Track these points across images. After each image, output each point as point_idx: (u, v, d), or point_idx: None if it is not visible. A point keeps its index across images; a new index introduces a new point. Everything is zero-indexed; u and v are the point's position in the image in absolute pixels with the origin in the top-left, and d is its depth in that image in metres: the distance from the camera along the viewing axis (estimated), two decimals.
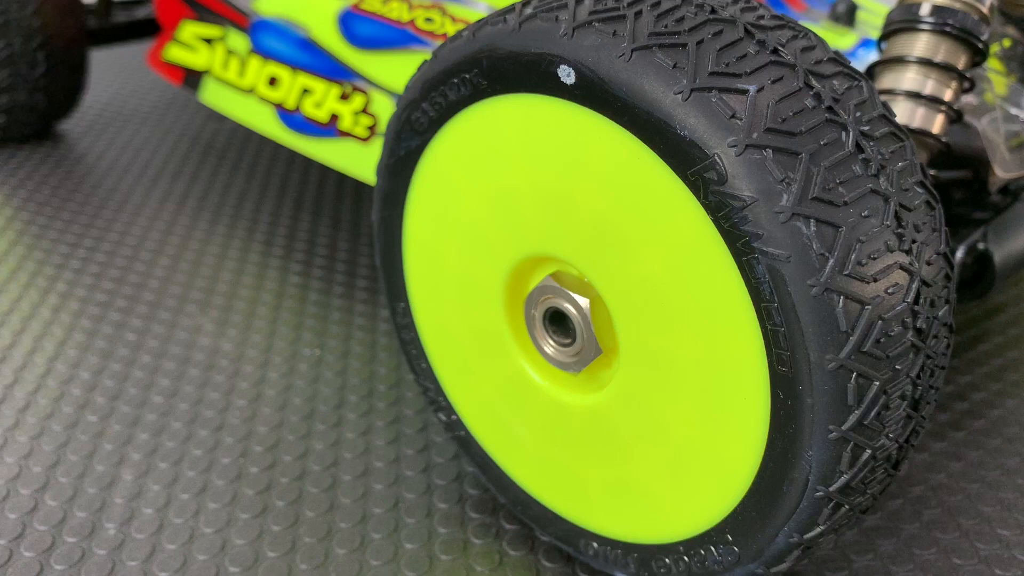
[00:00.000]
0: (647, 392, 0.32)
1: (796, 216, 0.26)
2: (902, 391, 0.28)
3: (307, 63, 0.58)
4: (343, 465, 0.43)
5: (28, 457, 0.44)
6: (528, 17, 0.30)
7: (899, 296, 0.27)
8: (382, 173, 0.38)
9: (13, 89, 0.73)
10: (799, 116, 0.27)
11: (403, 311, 0.41)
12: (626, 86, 0.28)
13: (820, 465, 0.28)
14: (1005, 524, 0.41)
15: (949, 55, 0.42)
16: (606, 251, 0.31)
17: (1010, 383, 0.51)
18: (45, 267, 0.61)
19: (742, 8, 0.30)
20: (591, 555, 0.37)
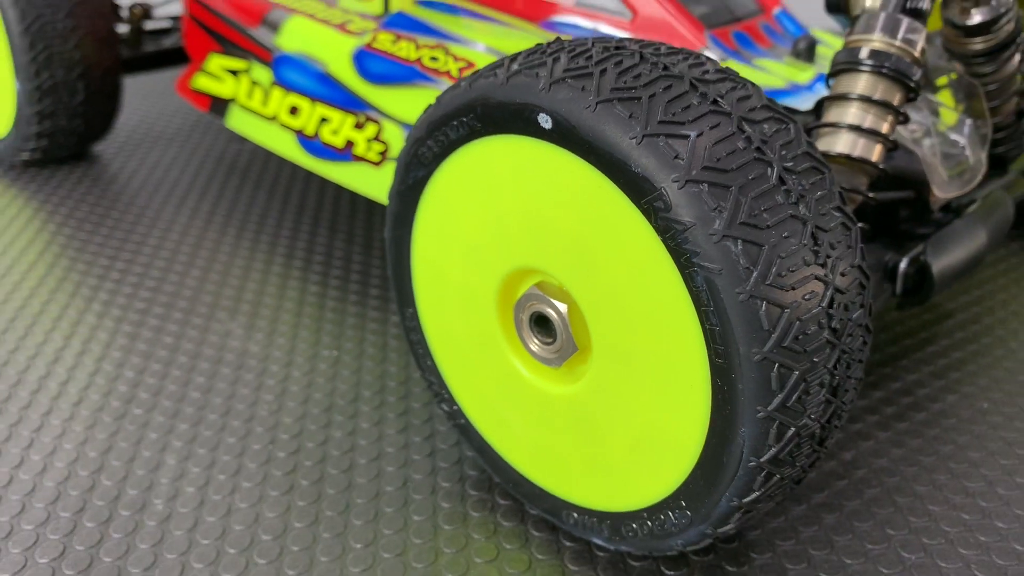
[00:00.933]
0: (614, 383, 0.38)
1: (726, 237, 0.32)
2: (820, 379, 0.34)
3: (325, 95, 0.64)
4: (359, 450, 0.50)
5: (84, 444, 0.50)
6: (514, 73, 0.37)
7: (815, 302, 0.33)
8: (393, 198, 0.45)
9: (55, 115, 0.80)
10: (731, 156, 0.33)
11: (411, 316, 0.47)
12: (592, 131, 0.34)
13: (752, 440, 0.34)
14: (935, 501, 0.47)
15: (886, 93, 0.48)
16: (580, 264, 0.37)
17: (952, 380, 0.57)
18: (88, 277, 0.67)
19: (690, 64, 0.36)
20: (572, 524, 0.43)
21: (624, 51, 0.36)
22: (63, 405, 0.53)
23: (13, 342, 0.60)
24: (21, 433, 0.51)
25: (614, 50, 0.36)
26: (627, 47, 0.36)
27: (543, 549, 0.44)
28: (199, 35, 0.75)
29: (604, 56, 0.36)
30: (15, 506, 0.46)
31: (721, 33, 0.59)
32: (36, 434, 0.51)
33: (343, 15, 0.66)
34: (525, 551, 0.43)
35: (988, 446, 0.51)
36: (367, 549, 0.43)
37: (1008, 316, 0.64)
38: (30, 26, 0.75)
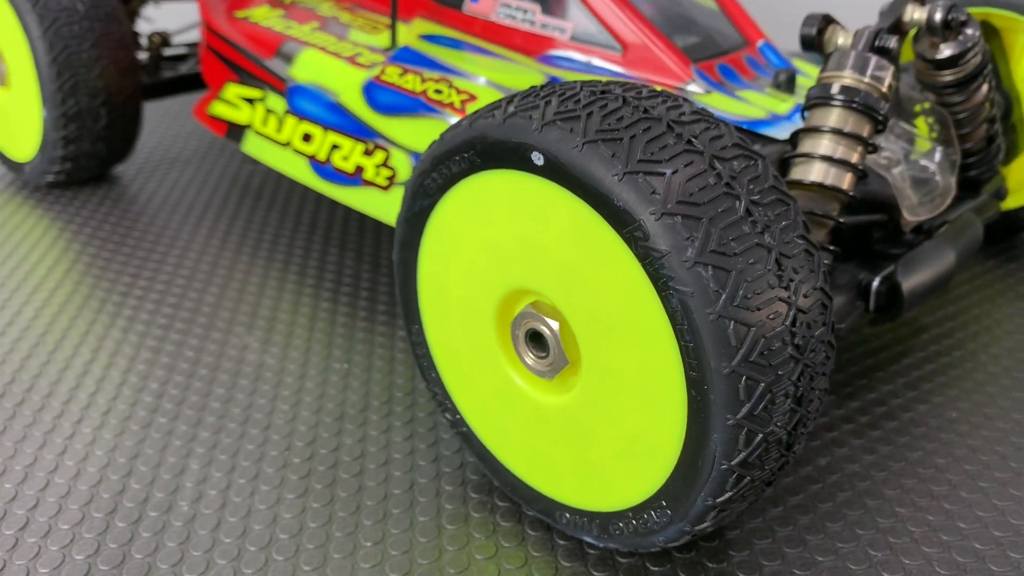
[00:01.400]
0: (601, 393, 0.42)
1: (698, 264, 0.36)
2: (785, 391, 0.38)
3: (336, 123, 0.68)
4: (368, 456, 0.54)
5: (114, 450, 0.54)
6: (511, 114, 0.41)
7: (779, 321, 0.37)
8: (401, 224, 0.49)
9: (79, 140, 0.84)
10: (702, 191, 0.37)
11: (417, 331, 0.51)
12: (579, 168, 0.38)
13: (723, 445, 0.37)
14: (902, 504, 0.51)
15: (856, 126, 0.52)
16: (570, 286, 0.41)
17: (924, 391, 0.60)
18: (112, 294, 0.72)
19: (668, 107, 0.40)
20: (565, 524, 0.47)
21: (609, 95, 0.40)
22: (93, 414, 0.57)
23: (44, 355, 0.64)
24: (55, 440, 0.55)
25: (600, 94, 0.40)
26: (612, 91, 0.40)
27: (538, 547, 0.47)
28: (216, 65, 0.79)
29: (591, 100, 0.40)
30: (52, 508, 0.50)
31: (706, 66, 0.63)
32: (69, 441, 0.55)
33: (353, 48, 0.71)
34: (522, 549, 0.47)
35: (954, 452, 0.54)
36: (376, 547, 0.47)
37: (980, 331, 0.67)
38: (57, 56, 0.80)
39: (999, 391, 0.60)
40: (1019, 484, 0.52)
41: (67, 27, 0.80)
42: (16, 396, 0.59)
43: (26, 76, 0.83)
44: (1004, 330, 0.67)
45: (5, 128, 0.89)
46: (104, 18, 0.82)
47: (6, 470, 0.53)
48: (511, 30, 0.67)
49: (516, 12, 0.67)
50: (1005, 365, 0.63)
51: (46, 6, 0.80)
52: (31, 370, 0.62)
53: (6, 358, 0.63)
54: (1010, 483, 0.52)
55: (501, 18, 0.68)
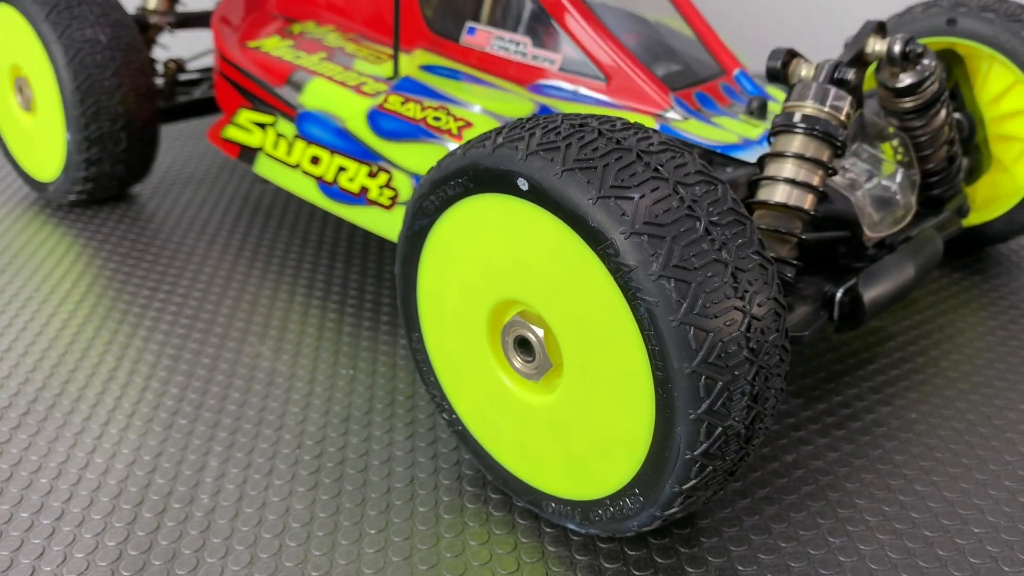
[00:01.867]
0: (581, 393, 0.47)
1: (662, 277, 0.41)
2: (742, 389, 0.43)
3: (343, 147, 0.73)
4: (372, 453, 0.58)
5: (139, 449, 0.59)
6: (499, 145, 0.46)
7: (734, 327, 0.42)
8: (402, 241, 0.54)
9: (101, 162, 0.89)
10: (667, 213, 0.42)
11: (417, 339, 0.56)
12: (559, 193, 0.43)
13: (687, 437, 0.42)
14: (861, 496, 0.55)
15: (816, 151, 0.57)
16: (553, 297, 0.46)
17: (887, 394, 0.65)
18: (133, 306, 0.77)
19: (638, 139, 0.45)
20: (551, 512, 0.51)
21: (586, 128, 0.45)
22: (119, 417, 0.62)
23: (72, 362, 0.69)
24: (85, 441, 0.60)
25: (578, 127, 0.45)
26: (589, 124, 0.46)
27: (527, 534, 0.52)
28: (230, 91, 0.85)
29: (570, 132, 0.45)
30: (85, 500, 0.55)
31: (685, 94, 0.68)
32: (98, 441, 0.60)
33: (358, 77, 0.76)
34: (512, 536, 0.52)
35: (911, 450, 0.59)
36: (380, 534, 0.52)
37: (943, 339, 0.72)
38: (81, 84, 0.85)
39: (956, 394, 0.65)
40: (968, 479, 0.56)
41: (90, 57, 0.85)
42: (48, 400, 0.64)
43: (51, 102, 0.89)
44: (965, 338, 0.72)
45: (31, 150, 0.95)
46: (124, 48, 0.88)
47: (41, 467, 0.57)
48: (504, 61, 0.73)
49: (509, 44, 0.73)
50: (964, 371, 0.68)
51: (71, 37, 0.85)
52: (61, 376, 0.67)
53: (37, 365, 0.68)
54: (960, 477, 0.57)
55: (495, 50, 0.73)
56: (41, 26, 0.85)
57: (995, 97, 0.80)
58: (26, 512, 0.54)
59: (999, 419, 0.62)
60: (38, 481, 0.56)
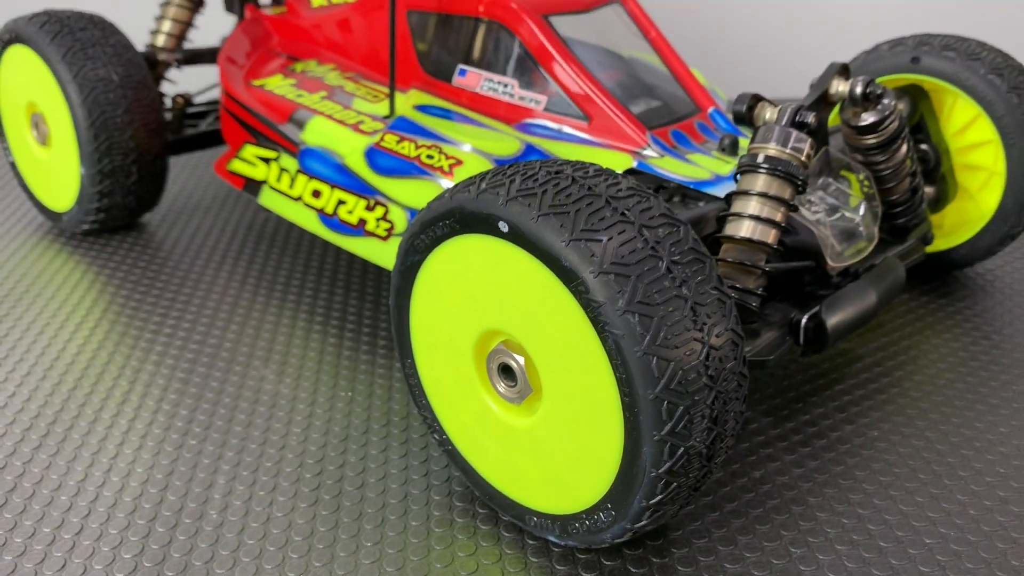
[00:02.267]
0: (559, 416, 0.51)
1: (627, 312, 0.45)
2: (702, 412, 0.47)
3: (342, 182, 0.78)
4: (369, 471, 0.63)
5: (152, 468, 0.64)
6: (483, 190, 0.50)
7: (694, 356, 0.46)
8: (395, 275, 0.58)
9: (112, 193, 0.94)
10: (632, 254, 0.46)
11: (410, 365, 0.60)
12: (535, 236, 0.47)
13: (652, 456, 0.47)
14: (822, 509, 0.59)
15: (779, 190, 0.62)
16: (532, 328, 0.51)
17: (852, 413, 0.69)
18: (144, 332, 0.81)
19: (608, 185, 0.49)
20: (533, 526, 0.56)
21: (561, 175, 0.50)
22: (132, 438, 0.67)
23: (88, 386, 0.73)
24: (101, 460, 0.64)
25: (554, 174, 0.50)
26: (564, 171, 0.50)
27: (511, 545, 0.56)
28: (235, 127, 0.90)
29: (546, 179, 0.49)
30: (103, 516, 0.59)
31: (661, 132, 0.73)
32: (113, 461, 0.64)
33: (357, 116, 0.81)
34: (497, 547, 0.56)
35: (872, 466, 0.63)
36: (376, 546, 0.56)
37: (907, 360, 0.76)
38: (95, 121, 0.90)
39: (916, 413, 0.69)
40: (923, 492, 0.61)
41: (103, 95, 0.90)
42: (66, 422, 0.69)
43: (66, 138, 0.93)
44: (929, 360, 0.76)
45: (46, 182, 0.99)
46: (135, 86, 0.92)
47: (61, 485, 0.62)
48: (493, 101, 0.77)
49: (497, 86, 0.77)
50: (925, 391, 0.72)
51: (85, 77, 0.90)
52: (77, 399, 0.71)
53: (55, 389, 0.73)
54: (916, 491, 0.61)
55: (484, 91, 0.78)
56: (57, 66, 0.90)
57: (959, 129, 0.84)
58: (48, 527, 0.58)
59: (955, 436, 0.66)
60: (58, 498, 0.61)
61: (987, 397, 0.71)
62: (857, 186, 0.74)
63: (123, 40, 0.94)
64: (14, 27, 0.95)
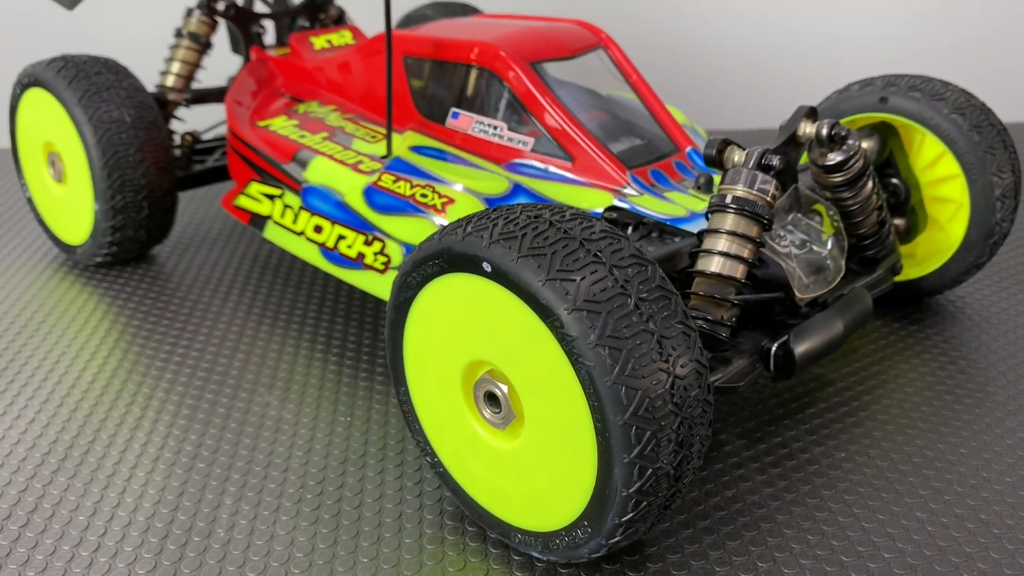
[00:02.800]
0: (540, 440, 0.55)
1: (598, 345, 0.49)
2: (668, 436, 0.51)
3: (342, 219, 0.83)
4: (366, 492, 0.67)
5: (163, 490, 0.68)
6: (468, 233, 0.55)
7: (660, 385, 0.50)
8: (390, 309, 0.63)
9: (125, 228, 0.99)
10: (603, 292, 0.51)
11: (404, 392, 0.65)
12: (516, 275, 0.52)
13: (623, 478, 0.51)
14: (789, 526, 0.63)
15: (746, 228, 0.66)
16: (514, 359, 0.55)
17: (821, 436, 0.74)
18: (155, 360, 0.86)
19: (583, 228, 0.54)
20: (518, 542, 0.60)
21: (540, 219, 0.54)
22: (145, 461, 0.71)
23: (103, 412, 0.78)
24: (116, 482, 0.69)
25: (533, 219, 0.54)
26: (542, 216, 0.55)
27: (498, 561, 0.61)
28: (241, 165, 0.95)
29: (526, 223, 0.54)
30: (118, 535, 0.63)
31: (640, 172, 0.78)
32: (127, 483, 0.69)
33: (356, 156, 0.86)
34: (485, 563, 0.60)
35: (837, 486, 0.68)
36: (372, 562, 0.60)
37: (876, 384, 0.81)
38: (108, 160, 0.95)
39: (883, 435, 0.73)
40: (885, 510, 0.65)
41: (116, 136, 0.95)
42: (82, 447, 0.73)
43: (81, 175, 0.99)
44: (897, 384, 0.81)
45: (61, 217, 1.04)
46: (147, 127, 0.98)
47: (79, 506, 0.66)
48: (484, 142, 0.82)
49: (488, 128, 0.82)
50: (892, 414, 0.76)
51: (100, 119, 0.95)
52: (93, 424, 0.76)
53: (71, 415, 0.77)
54: (878, 509, 0.65)
55: (476, 132, 0.83)
56: (73, 109, 0.95)
57: (927, 164, 0.89)
58: (67, 545, 0.62)
59: (918, 457, 0.71)
60: (76, 518, 0.65)
61: (950, 420, 0.75)
62: (828, 221, 0.79)
63: (135, 83, 1.00)
64: (33, 71, 1.00)
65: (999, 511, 0.64)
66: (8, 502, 0.67)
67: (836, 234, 0.77)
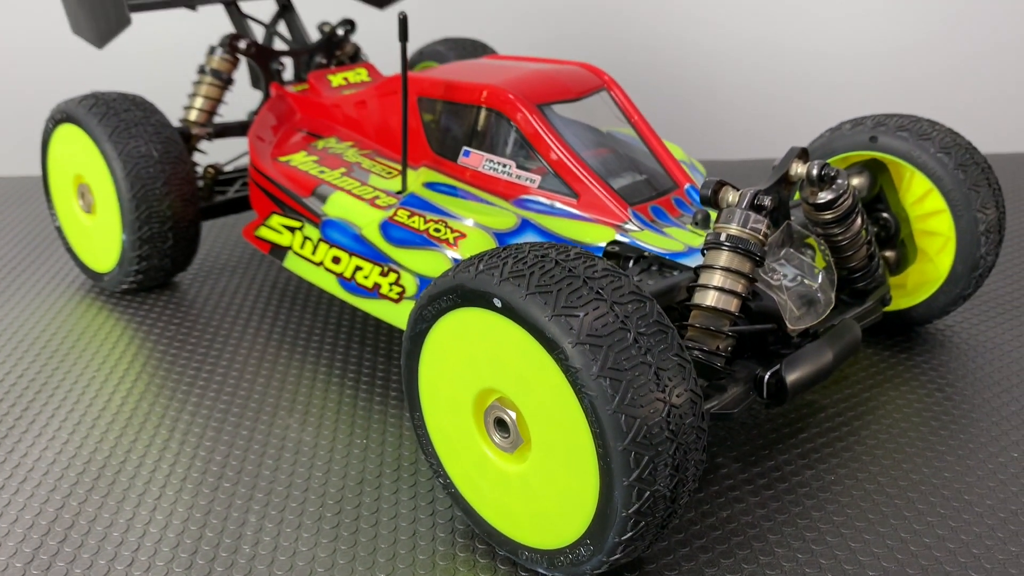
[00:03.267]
0: (546, 463, 0.60)
1: (599, 377, 0.54)
2: (665, 461, 0.55)
3: (359, 251, 0.88)
4: (382, 511, 0.71)
5: (191, 508, 0.72)
6: (480, 271, 0.59)
7: (657, 414, 0.55)
8: (406, 340, 0.67)
9: (150, 257, 1.04)
10: (604, 327, 0.55)
11: (418, 417, 0.69)
12: (524, 311, 0.56)
13: (623, 499, 0.55)
14: (780, 545, 0.67)
15: (740, 265, 0.71)
16: (522, 388, 0.59)
17: (812, 459, 0.77)
18: (181, 384, 0.90)
19: (586, 266, 0.58)
20: (524, 559, 0.64)
21: (546, 259, 0.59)
22: (173, 480, 0.76)
23: (132, 434, 0.82)
24: (147, 501, 0.73)
25: (540, 258, 0.59)
26: (549, 255, 0.59)
27: None
28: (263, 198, 1.00)
29: (534, 262, 0.59)
30: (150, 550, 0.68)
31: (641, 208, 0.82)
32: (157, 501, 0.73)
33: (373, 191, 0.91)
34: None
35: (826, 507, 0.71)
36: None
37: (866, 411, 0.85)
38: (136, 193, 1.00)
39: (871, 459, 0.77)
40: (871, 531, 0.69)
41: (144, 170, 1.01)
42: (115, 467, 0.77)
43: (110, 207, 1.04)
44: (886, 410, 0.85)
45: (89, 246, 1.09)
46: (173, 161, 1.03)
47: (112, 523, 0.71)
48: (494, 179, 0.87)
49: (497, 166, 0.87)
50: (880, 439, 0.80)
51: (129, 154, 1.00)
52: (124, 445, 0.80)
53: (103, 436, 0.82)
54: (864, 529, 0.69)
55: (486, 170, 0.88)
56: (104, 144, 1.01)
57: (916, 199, 0.93)
58: (103, 560, 0.67)
59: (904, 480, 0.75)
60: (111, 534, 0.69)
61: (935, 445, 0.79)
62: (820, 255, 0.83)
63: (162, 119, 1.05)
64: (65, 108, 1.05)
65: (979, 532, 0.68)
66: (46, 519, 0.71)
67: (827, 268, 0.81)
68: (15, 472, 0.77)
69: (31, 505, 0.73)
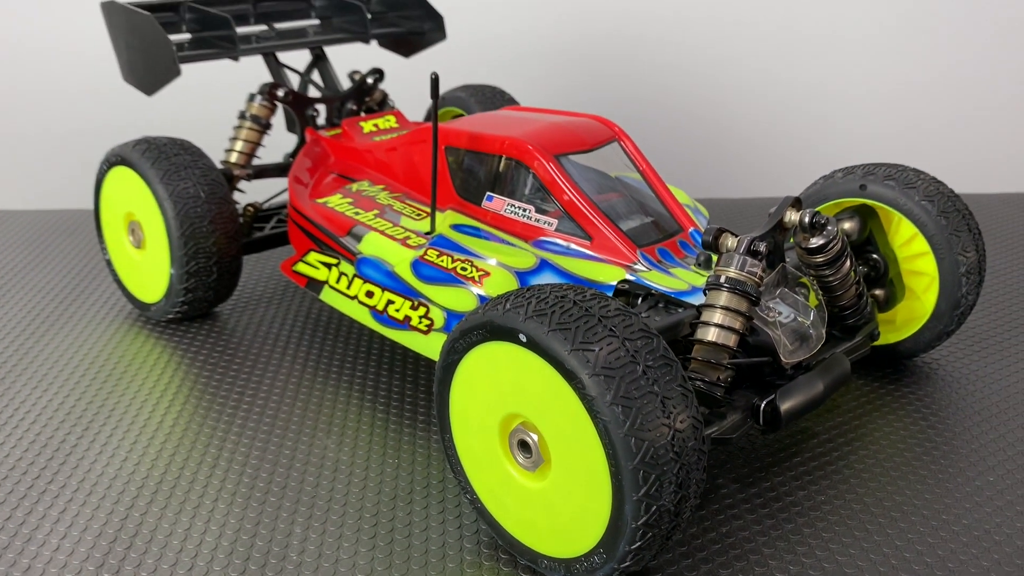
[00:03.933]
0: (564, 480, 0.67)
1: (612, 404, 0.62)
2: (669, 479, 0.63)
3: (392, 286, 0.96)
4: (414, 524, 0.79)
5: (242, 520, 0.80)
6: (507, 309, 0.68)
7: (663, 438, 0.62)
8: (439, 369, 0.75)
9: (196, 289, 1.12)
10: (616, 360, 0.63)
11: (448, 439, 0.77)
12: (546, 346, 0.64)
13: (632, 512, 0.62)
14: (773, 558, 0.75)
15: (737, 304, 0.79)
16: (544, 414, 0.67)
17: (804, 481, 0.85)
18: (227, 406, 0.98)
19: (600, 306, 0.67)
20: (544, 568, 0.71)
21: (565, 299, 0.67)
22: (224, 495, 0.83)
23: (183, 455, 0.90)
24: (201, 513, 0.81)
25: (560, 298, 0.67)
26: (568, 296, 0.67)
27: None
28: (301, 236, 1.08)
29: (555, 302, 0.67)
30: (207, 557, 0.75)
31: (649, 250, 0.91)
32: (211, 514, 0.81)
33: (404, 232, 0.99)
34: None
35: (816, 524, 0.79)
36: None
37: (856, 437, 0.92)
38: (184, 231, 1.09)
39: (858, 481, 0.85)
40: (856, 546, 0.76)
41: (193, 209, 1.09)
42: (170, 482, 0.85)
43: (159, 243, 1.12)
44: (873, 437, 0.92)
45: (138, 279, 1.18)
46: (218, 201, 1.12)
47: (172, 532, 0.78)
48: (514, 221, 0.96)
49: (517, 209, 0.96)
50: (868, 463, 0.88)
51: (179, 195, 1.09)
52: (177, 464, 0.88)
53: (158, 455, 0.90)
54: (850, 545, 0.76)
55: (507, 213, 0.96)
56: (156, 186, 1.10)
57: (904, 242, 1.01)
58: (166, 565, 0.74)
59: (888, 501, 0.82)
60: (171, 542, 0.77)
61: (918, 469, 0.86)
62: (813, 294, 0.91)
63: (208, 162, 1.14)
64: (119, 152, 1.15)
65: (954, 548, 0.75)
66: (113, 527, 0.79)
67: (819, 306, 0.89)
68: (81, 486, 0.85)
69: (98, 516, 0.81)
